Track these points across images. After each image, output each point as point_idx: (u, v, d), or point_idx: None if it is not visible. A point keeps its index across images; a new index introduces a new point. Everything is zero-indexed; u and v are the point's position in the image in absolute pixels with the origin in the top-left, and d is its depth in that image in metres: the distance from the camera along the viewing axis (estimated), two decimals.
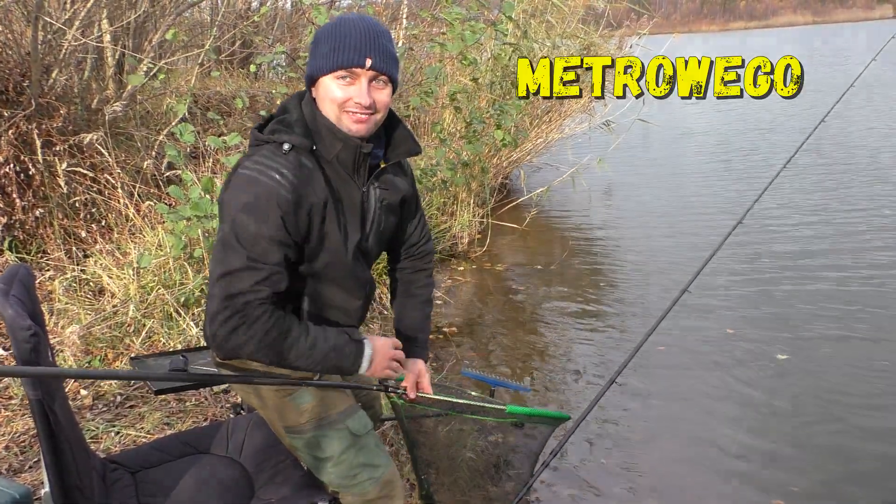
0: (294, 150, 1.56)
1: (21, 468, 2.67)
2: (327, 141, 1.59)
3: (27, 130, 4.23)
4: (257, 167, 1.54)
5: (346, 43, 1.53)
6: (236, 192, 1.54)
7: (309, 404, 1.74)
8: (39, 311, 1.69)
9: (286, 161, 1.54)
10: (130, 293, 3.74)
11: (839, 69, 20.12)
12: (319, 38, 1.58)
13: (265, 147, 1.58)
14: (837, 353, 4.03)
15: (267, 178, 1.51)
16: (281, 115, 1.62)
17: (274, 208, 1.50)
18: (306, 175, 1.56)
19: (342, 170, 1.63)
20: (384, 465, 1.82)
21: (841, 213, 6.77)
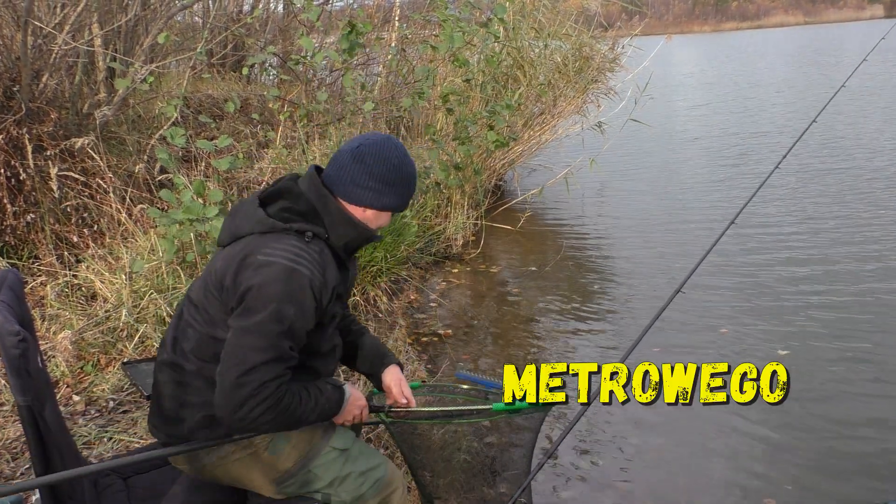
0: (315, 238, 1.68)
1: (13, 475, 2.65)
2: (342, 231, 1.72)
3: (18, 135, 4.21)
4: (288, 255, 1.60)
5: (412, 192, 1.81)
6: (276, 281, 1.58)
7: (287, 445, 1.76)
8: (29, 317, 1.68)
9: (311, 250, 1.65)
10: (123, 298, 3.72)
11: (831, 70, 20.21)
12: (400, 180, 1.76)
13: (284, 235, 1.65)
14: (834, 352, 4.03)
15: (303, 269, 1.60)
16: (286, 204, 1.70)
17: (311, 299, 1.61)
18: (330, 264, 1.69)
19: (345, 255, 1.78)
20: (382, 463, 1.85)
21: (834, 211, 6.79)
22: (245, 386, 1.55)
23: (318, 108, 4.87)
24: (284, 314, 1.57)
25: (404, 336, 4.33)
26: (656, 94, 9.00)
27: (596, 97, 8.46)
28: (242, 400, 1.55)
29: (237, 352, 1.57)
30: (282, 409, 1.59)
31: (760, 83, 18.42)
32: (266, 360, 1.56)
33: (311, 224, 1.68)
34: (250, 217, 1.69)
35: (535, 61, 7.39)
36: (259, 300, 1.57)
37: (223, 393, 1.57)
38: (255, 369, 1.55)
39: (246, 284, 1.59)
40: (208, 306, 1.68)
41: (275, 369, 1.57)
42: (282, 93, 5.74)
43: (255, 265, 1.60)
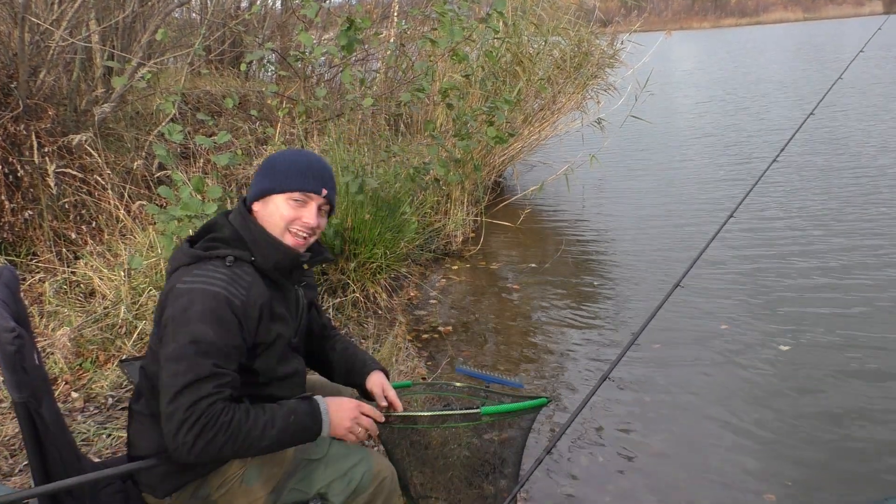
0: (236, 262, 1.68)
1: (11, 472, 2.65)
2: (265, 252, 1.73)
3: (15, 132, 4.19)
4: (204, 280, 1.61)
5: (308, 172, 1.74)
6: (189, 304, 1.58)
7: (260, 472, 1.75)
8: (24, 314, 1.66)
9: (231, 272, 1.66)
10: (122, 295, 3.71)
11: (831, 65, 20.18)
12: (278, 161, 1.77)
13: (206, 262, 1.66)
14: (836, 348, 4.03)
15: (218, 289, 1.61)
16: (212, 233, 1.73)
17: (230, 315, 1.60)
18: (253, 283, 1.68)
19: (279, 276, 1.77)
20: (364, 457, 1.82)
21: (833, 204, 6.78)
22: (174, 414, 1.53)
23: (317, 105, 4.85)
24: (200, 334, 1.56)
25: (404, 333, 4.32)
26: (656, 91, 8.98)
27: (595, 93, 8.45)
28: (176, 428, 1.52)
29: (164, 384, 1.57)
30: (222, 428, 1.53)
31: (761, 79, 18.42)
32: (188, 383, 1.53)
33: (233, 249, 1.70)
34: (178, 255, 1.72)
35: (534, 57, 7.37)
36: (176, 327, 1.58)
37: (164, 428, 1.55)
38: (180, 394, 1.53)
39: (166, 316, 1.61)
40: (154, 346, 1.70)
41: (200, 390, 1.53)
42: (280, 89, 5.72)
43: (174, 295, 1.62)
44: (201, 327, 1.56)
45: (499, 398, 2.32)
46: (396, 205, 4.99)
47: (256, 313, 1.67)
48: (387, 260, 4.80)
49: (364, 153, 5.34)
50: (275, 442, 1.62)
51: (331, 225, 4.68)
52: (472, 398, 2.40)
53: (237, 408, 1.59)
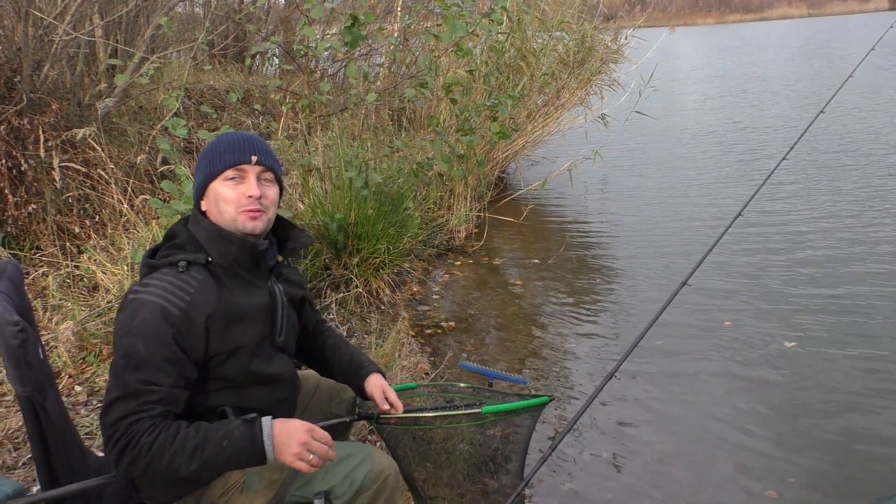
0: (190, 266, 1.59)
1: (14, 465, 2.65)
2: (220, 248, 1.63)
3: (19, 126, 4.19)
4: (146, 290, 1.55)
5: (231, 147, 1.63)
6: (125, 317, 1.54)
7: (261, 479, 1.74)
8: (28, 308, 1.66)
9: (180, 280, 1.56)
10: (125, 289, 3.71)
11: (838, 62, 20.09)
12: (203, 153, 1.67)
13: (159, 270, 1.60)
14: (841, 345, 4.01)
15: (155, 298, 1.52)
16: (170, 241, 1.66)
17: (164, 328, 1.51)
18: (200, 288, 1.58)
19: (243, 273, 1.67)
20: (366, 456, 1.81)
21: (841, 203, 6.75)
22: (103, 429, 1.50)
23: (321, 100, 4.84)
24: (129, 348, 1.50)
25: (407, 328, 4.32)
26: (661, 87, 8.95)
27: (599, 89, 8.43)
28: (104, 444, 1.49)
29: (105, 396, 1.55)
30: (143, 449, 1.46)
31: (767, 76, 18.33)
32: (113, 399, 1.50)
33: (187, 253, 1.62)
34: (141, 267, 1.67)
35: (538, 52, 7.35)
36: (115, 339, 1.55)
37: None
38: (107, 411, 1.50)
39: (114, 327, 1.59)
40: None
41: (124, 407, 1.48)
42: (284, 84, 5.72)
43: (120, 307, 1.58)
44: (132, 340, 1.50)
45: (502, 397, 2.32)
46: (400, 200, 4.99)
47: (202, 320, 1.56)
48: (390, 255, 4.80)
49: (367, 148, 5.33)
50: (205, 466, 1.51)
51: (334, 220, 4.68)
52: (475, 398, 2.40)
53: (165, 428, 1.49)
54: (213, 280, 1.62)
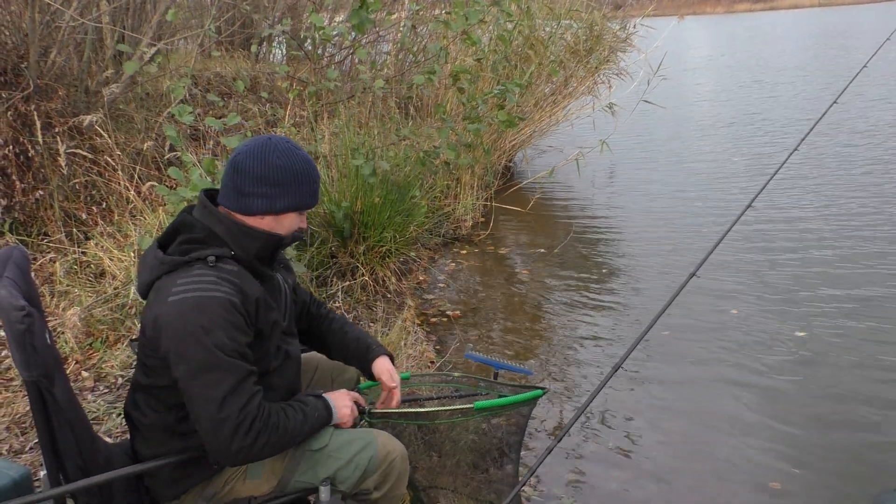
0: (219, 260, 1.63)
1: (21, 449, 2.67)
2: (243, 243, 1.67)
3: (26, 112, 4.19)
4: (196, 286, 1.56)
5: (313, 187, 1.73)
6: (192, 317, 1.54)
7: (266, 466, 1.76)
8: (35, 294, 1.66)
9: (221, 273, 1.61)
10: (131, 275, 3.71)
11: (851, 52, 19.89)
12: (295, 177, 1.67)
13: (186, 269, 1.60)
14: (849, 337, 4.00)
15: (216, 293, 1.56)
16: (183, 237, 1.66)
17: (237, 317, 1.58)
18: (242, 279, 1.64)
19: (258, 265, 1.72)
20: (369, 441, 1.81)
21: (852, 196, 6.70)
22: (226, 421, 1.53)
23: (329, 87, 4.82)
24: (219, 342, 1.53)
25: (412, 316, 4.31)
26: (670, 76, 8.88)
27: (607, 78, 8.37)
28: (231, 434, 1.53)
29: (200, 398, 1.54)
30: (273, 428, 1.60)
31: (777, 66, 18.17)
32: (231, 389, 1.54)
33: (211, 248, 1.64)
34: (152, 263, 1.65)
35: (546, 40, 7.30)
36: (189, 341, 1.53)
37: (211, 439, 1.55)
38: (226, 401, 1.53)
39: (169, 330, 1.55)
40: (145, 359, 1.67)
41: (244, 392, 1.56)
42: (291, 71, 5.69)
43: (168, 308, 1.56)
44: (216, 336, 1.53)
45: (497, 389, 2.33)
46: (406, 188, 4.97)
47: (254, 308, 1.65)
48: (396, 244, 4.79)
49: (374, 136, 5.32)
50: (305, 435, 1.72)
51: (340, 208, 4.67)
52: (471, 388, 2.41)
53: (275, 408, 1.63)
54: (245, 270, 1.67)
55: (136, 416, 1.71)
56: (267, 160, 1.64)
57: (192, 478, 1.70)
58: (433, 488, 2.39)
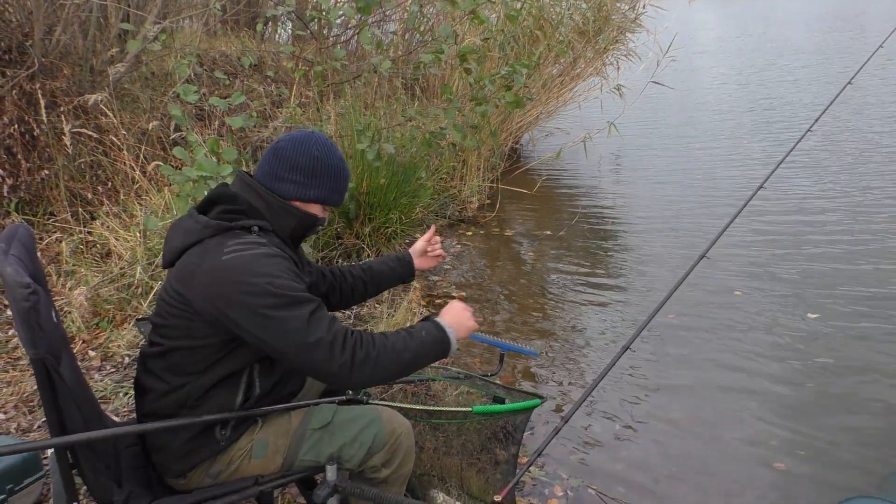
0: (261, 230, 1.69)
1: (29, 427, 2.68)
2: (283, 220, 1.74)
3: (31, 91, 4.17)
4: (246, 245, 1.60)
5: (342, 185, 1.80)
6: (256, 267, 1.56)
7: (267, 447, 1.76)
8: (41, 272, 1.66)
9: (260, 238, 1.66)
10: (137, 255, 3.71)
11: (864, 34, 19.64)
12: (329, 173, 1.75)
13: (234, 232, 1.65)
14: (858, 320, 3.98)
15: (264, 249, 1.61)
16: (224, 208, 1.70)
17: (290, 264, 1.65)
18: (279, 249, 1.69)
19: (288, 241, 1.80)
20: (374, 419, 1.82)
21: (865, 178, 6.64)
22: (319, 343, 1.53)
23: (336, 66, 4.78)
24: (286, 284, 1.56)
25: (418, 298, 4.31)
26: (681, 59, 8.79)
27: (615, 59, 8.29)
28: (328, 354, 1.53)
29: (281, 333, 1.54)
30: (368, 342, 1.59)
31: (790, 47, 17.96)
32: (311, 314, 1.55)
33: (251, 219, 1.70)
34: (194, 227, 1.66)
35: (555, 21, 7.23)
36: (257, 288, 1.53)
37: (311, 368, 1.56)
38: (310, 326, 1.54)
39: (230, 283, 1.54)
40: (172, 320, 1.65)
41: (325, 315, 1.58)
42: (297, 51, 5.65)
43: (226, 263, 1.56)
44: (281, 279, 1.56)
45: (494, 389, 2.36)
46: (412, 170, 4.95)
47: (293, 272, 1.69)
48: (402, 225, 4.78)
49: (380, 117, 5.28)
50: (414, 353, 1.65)
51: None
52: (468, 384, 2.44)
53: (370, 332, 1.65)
54: (281, 241, 1.75)
55: (150, 383, 1.70)
56: (306, 150, 1.73)
57: (200, 453, 1.70)
58: (425, 475, 2.40)
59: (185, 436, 1.68)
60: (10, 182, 4.04)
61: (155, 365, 1.70)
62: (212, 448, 1.70)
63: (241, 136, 5.32)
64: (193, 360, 1.64)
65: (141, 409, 1.75)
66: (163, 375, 1.68)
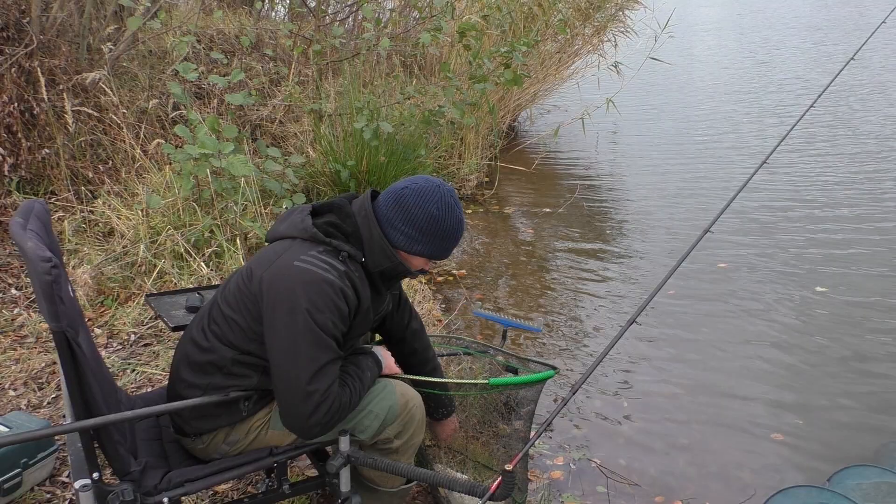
0: (349, 258, 1.72)
1: (40, 404, 2.71)
2: (377, 259, 1.76)
3: (30, 68, 4.15)
4: (322, 265, 1.65)
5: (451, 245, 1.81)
6: (309, 290, 1.61)
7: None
8: (57, 246, 1.68)
9: (344, 266, 1.70)
10: (140, 234, 3.73)
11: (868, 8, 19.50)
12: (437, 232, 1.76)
13: (322, 247, 1.70)
14: (862, 293, 4.04)
15: (335, 279, 1.65)
16: (333, 220, 1.74)
17: (345, 306, 1.67)
18: (361, 284, 1.74)
19: (380, 281, 1.81)
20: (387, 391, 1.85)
21: (868, 155, 6.66)
22: (312, 395, 1.61)
23: (335, 44, 4.77)
24: (322, 322, 1.61)
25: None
26: (677, 34, 8.74)
27: (613, 36, 8.25)
28: (313, 410, 1.61)
29: (291, 367, 1.61)
30: (343, 407, 1.68)
31: (791, 24, 17.83)
32: (321, 367, 1.61)
33: (350, 245, 1.73)
34: (297, 223, 1.73)
35: None
36: (296, 307, 1.60)
37: (290, 408, 1.63)
38: (317, 377, 1.61)
39: (283, 292, 1.62)
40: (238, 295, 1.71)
41: (330, 374, 1.64)
42: (295, 28, 5.61)
43: (293, 271, 1.63)
44: (324, 316, 1.61)
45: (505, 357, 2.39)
46: (412, 148, 4.95)
47: (356, 311, 1.73)
48: None
49: (379, 95, 5.27)
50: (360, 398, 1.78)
51: (346, 167, 4.66)
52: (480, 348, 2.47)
53: (342, 384, 1.71)
54: (366, 278, 1.77)
55: (200, 338, 1.76)
56: (426, 206, 1.73)
57: (220, 419, 1.74)
58: (433, 446, 2.45)
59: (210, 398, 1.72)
60: (10, 161, 4.03)
61: (214, 325, 1.75)
62: (232, 416, 1.74)
63: (240, 114, 5.31)
64: (234, 334, 1.70)
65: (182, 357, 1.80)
66: (216, 334, 1.73)
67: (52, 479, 2.32)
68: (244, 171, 3.68)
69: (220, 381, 1.71)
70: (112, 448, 1.57)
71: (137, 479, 1.61)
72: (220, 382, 1.71)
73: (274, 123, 5.44)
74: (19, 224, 1.48)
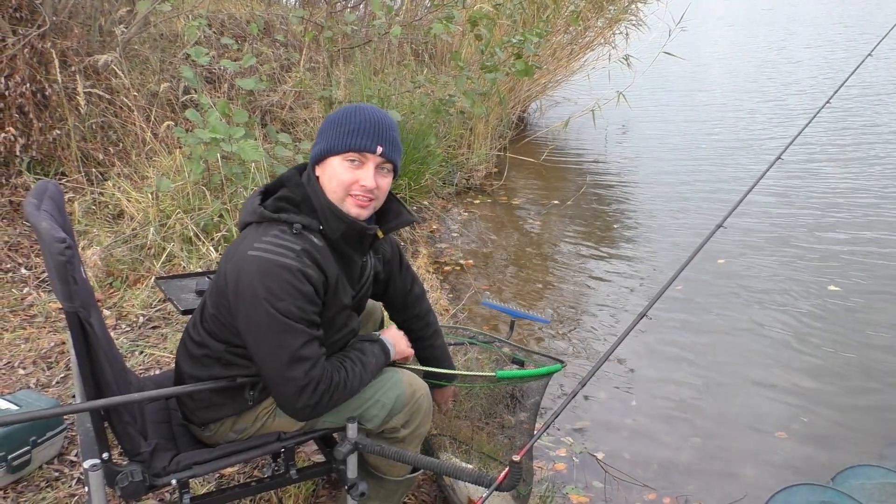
0: (304, 229, 1.64)
1: (49, 383, 2.73)
2: (333, 224, 1.67)
3: (42, 49, 4.15)
4: (277, 248, 1.58)
5: (361, 129, 1.63)
6: (265, 281, 1.56)
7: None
8: (70, 227, 1.68)
9: (299, 240, 1.62)
10: (150, 217, 3.74)
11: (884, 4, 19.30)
12: (332, 121, 1.66)
13: (274, 227, 1.62)
14: (878, 296, 4.02)
15: (291, 260, 1.58)
16: (283, 193, 1.67)
17: (305, 286, 1.59)
18: (324, 255, 1.65)
19: (346, 246, 1.72)
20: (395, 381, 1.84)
21: (882, 153, 6.62)
22: (292, 381, 1.59)
23: (346, 31, 4.75)
24: (285, 309, 1.56)
25: (426, 265, 4.34)
26: (690, 28, 8.68)
27: (625, 28, 8.21)
28: (297, 393, 1.60)
29: (267, 357, 1.60)
30: (335, 386, 1.65)
31: (808, 19, 17.67)
32: (296, 352, 1.58)
33: (303, 215, 1.65)
34: (249, 207, 1.69)
35: None
36: (257, 305, 1.56)
37: (278, 395, 1.64)
38: (293, 364, 1.58)
39: (241, 287, 1.58)
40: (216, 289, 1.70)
41: (310, 356, 1.60)
42: (306, 14, 5.60)
43: (245, 261, 1.59)
44: (285, 303, 1.56)
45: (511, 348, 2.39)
46: (421, 136, 4.94)
47: (323, 286, 1.65)
48: (410, 191, 4.79)
49: (390, 83, 5.26)
50: (366, 382, 1.77)
51: None
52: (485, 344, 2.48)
53: (337, 365, 1.69)
54: (328, 247, 1.68)
55: (194, 333, 1.76)
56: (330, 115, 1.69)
57: (226, 408, 1.74)
58: (439, 435, 2.45)
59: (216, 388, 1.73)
60: (21, 141, 4.04)
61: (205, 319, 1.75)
62: (238, 405, 1.74)
63: (251, 99, 5.30)
64: (220, 330, 1.69)
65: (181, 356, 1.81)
66: (206, 328, 1.73)
67: (60, 457, 2.34)
68: (254, 155, 3.68)
69: (220, 371, 1.72)
70: (122, 428, 1.58)
71: (147, 460, 1.62)
72: (220, 373, 1.72)
73: (284, 109, 5.43)
74: (33, 205, 1.48)
